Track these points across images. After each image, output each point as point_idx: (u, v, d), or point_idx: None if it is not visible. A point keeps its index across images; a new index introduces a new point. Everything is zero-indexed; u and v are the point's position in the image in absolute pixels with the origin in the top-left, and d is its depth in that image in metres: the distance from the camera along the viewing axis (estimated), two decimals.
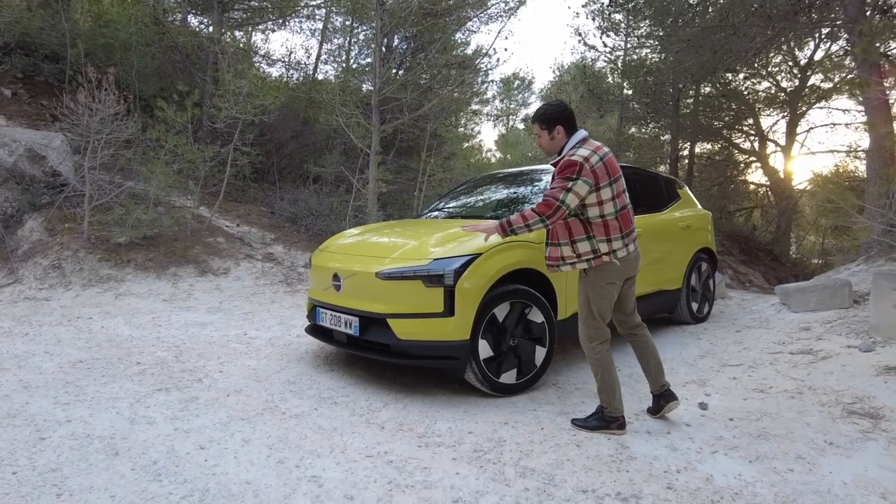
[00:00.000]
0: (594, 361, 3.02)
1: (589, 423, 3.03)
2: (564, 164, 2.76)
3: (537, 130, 2.96)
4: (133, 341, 4.53)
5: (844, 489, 2.40)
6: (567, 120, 2.89)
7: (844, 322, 4.59)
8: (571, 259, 2.90)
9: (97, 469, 2.48)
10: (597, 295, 2.94)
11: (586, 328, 3.00)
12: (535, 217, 2.76)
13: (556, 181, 2.78)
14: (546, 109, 2.91)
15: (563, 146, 2.91)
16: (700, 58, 10.30)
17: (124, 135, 6.79)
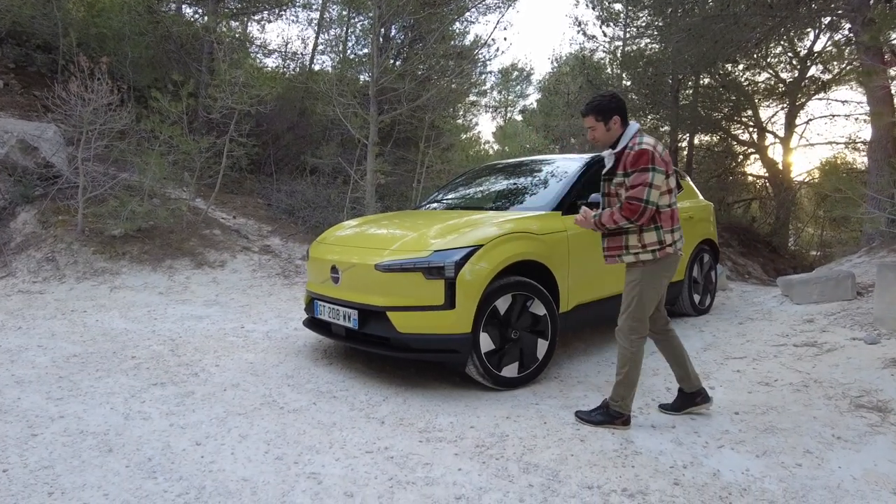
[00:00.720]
0: (628, 356, 2.91)
1: (593, 416, 2.97)
2: (636, 155, 2.70)
3: (591, 122, 2.85)
4: (128, 335, 4.46)
5: (854, 484, 2.36)
6: (623, 111, 2.82)
7: (848, 314, 4.54)
8: (636, 249, 2.81)
9: (90, 466, 2.41)
10: (651, 288, 2.85)
11: (631, 321, 2.88)
12: (623, 220, 2.74)
13: (635, 176, 2.70)
14: (601, 100, 2.82)
15: (618, 137, 2.84)
16: (700, 48, 10.19)
17: (118, 125, 6.68)
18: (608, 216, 2.78)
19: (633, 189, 2.71)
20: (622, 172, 2.78)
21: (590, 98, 2.86)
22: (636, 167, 2.71)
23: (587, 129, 2.89)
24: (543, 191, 4.26)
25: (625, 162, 2.76)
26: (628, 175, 2.74)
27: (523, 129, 26.60)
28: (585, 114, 2.87)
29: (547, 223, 3.76)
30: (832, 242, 16.40)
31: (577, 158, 4.66)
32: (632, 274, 2.89)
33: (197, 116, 9.10)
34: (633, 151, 2.72)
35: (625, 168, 2.76)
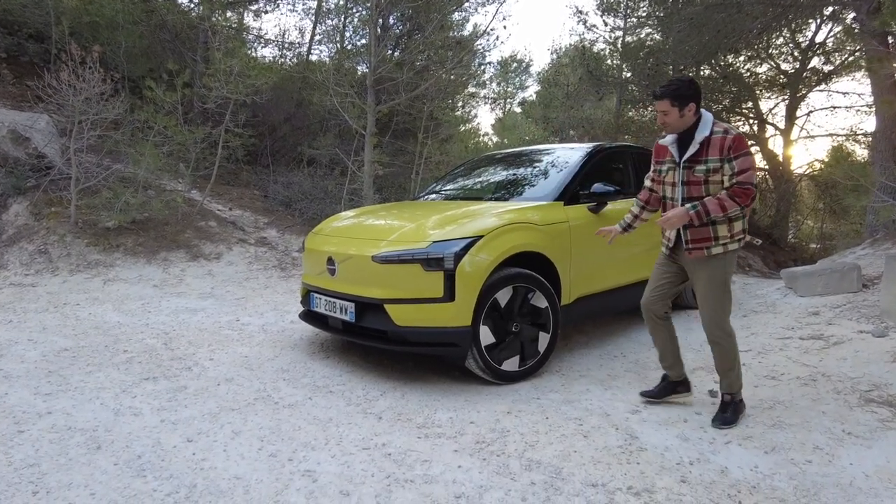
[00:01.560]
0: (729, 351, 2.84)
1: (730, 418, 2.84)
2: (737, 140, 2.63)
3: (665, 107, 2.72)
4: (121, 328, 4.38)
5: (867, 482, 2.28)
6: (699, 98, 2.72)
7: (854, 306, 4.46)
8: (725, 239, 2.74)
9: (77, 464, 2.33)
10: (730, 275, 2.82)
11: (724, 314, 2.81)
12: (735, 206, 2.64)
13: (742, 160, 2.62)
14: (680, 85, 2.70)
15: (691, 124, 2.74)
16: (702, 38, 10.06)
17: (111, 115, 6.55)
18: (715, 205, 2.64)
19: (743, 174, 2.63)
20: (717, 158, 2.66)
21: (667, 81, 2.75)
22: (740, 152, 2.63)
23: (658, 113, 2.78)
24: (545, 181, 4.16)
25: (721, 147, 2.65)
26: (730, 160, 2.64)
27: (522, 120, 26.45)
28: (660, 97, 2.73)
29: (549, 214, 3.67)
30: (832, 235, 16.35)
31: (578, 148, 4.57)
32: (713, 268, 2.78)
33: (192, 107, 8.96)
34: (731, 136, 2.65)
35: (721, 154, 2.65)
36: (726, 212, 2.65)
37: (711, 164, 2.68)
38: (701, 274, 2.81)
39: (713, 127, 2.70)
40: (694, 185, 2.75)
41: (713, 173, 2.69)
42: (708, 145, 2.69)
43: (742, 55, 13.71)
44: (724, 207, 2.64)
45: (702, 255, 2.77)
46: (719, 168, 2.67)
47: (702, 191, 2.74)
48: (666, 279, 2.97)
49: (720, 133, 2.67)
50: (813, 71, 14.06)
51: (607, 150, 4.54)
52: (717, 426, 2.82)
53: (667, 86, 2.73)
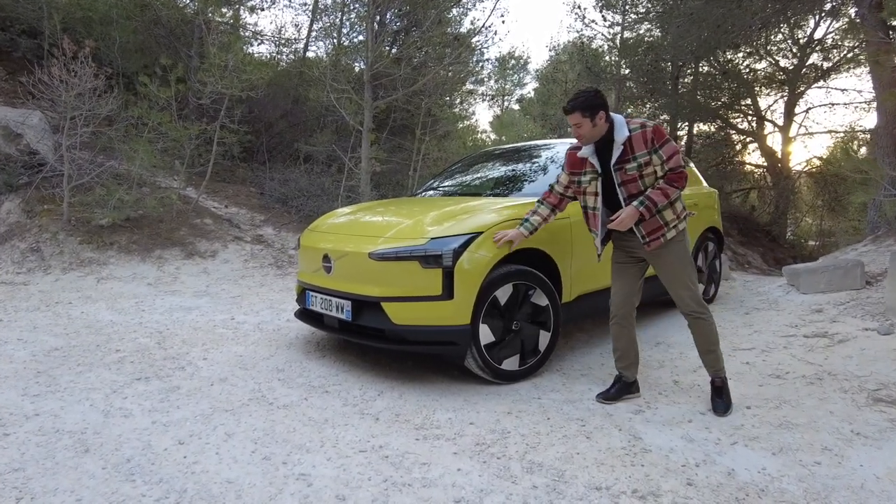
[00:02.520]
0: (710, 326, 2.93)
1: (726, 402, 2.93)
2: (656, 131, 2.75)
3: (577, 119, 2.79)
4: (114, 327, 4.30)
5: (879, 484, 2.22)
6: (607, 106, 2.82)
7: (858, 304, 4.40)
8: (674, 221, 2.88)
9: (64, 468, 2.26)
10: (689, 252, 2.96)
11: (694, 290, 2.92)
12: (675, 191, 2.79)
13: (667, 147, 2.75)
14: (587, 96, 2.78)
15: (605, 131, 2.83)
16: (701, 33, 10.01)
17: (104, 111, 6.46)
18: (659, 195, 2.76)
19: (671, 159, 2.77)
20: (645, 151, 2.77)
21: (573, 95, 2.84)
22: (662, 140, 2.76)
23: (572, 127, 2.85)
24: (544, 176, 4.08)
25: (644, 140, 2.76)
26: (656, 150, 2.76)
27: (520, 118, 26.36)
28: (571, 111, 2.81)
29: None
30: (831, 232, 16.32)
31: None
32: (673, 250, 2.90)
33: (187, 103, 8.86)
34: (649, 129, 2.76)
35: (647, 146, 2.76)
36: (669, 198, 2.79)
37: (640, 158, 2.78)
38: (665, 259, 2.91)
39: (629, 125, 2.80)
40: (631, 183, 2.83)
41: (645, 167, 2.79)
42: (631, 143, 2.78)
43: (741, 51, 13.65)
44: (667, 195, 2.78)
45: (660, 244, 2.88)
46: (649, 160, 2.78)
47: (639, 186, 2.82)
48: (630, 284, 3.06)
49: (638, 129, 2.78)
50: (811, 67, 14.01)
51: None
52: (721, 413, 2.87)
53: (574, 99, 2.81)
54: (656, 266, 2.96)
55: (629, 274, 3.06)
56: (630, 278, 3.06)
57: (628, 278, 3.06)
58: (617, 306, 3.08)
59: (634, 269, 3.06)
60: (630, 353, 3.11)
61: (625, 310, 3.07)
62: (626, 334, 3.10)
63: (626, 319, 3.08)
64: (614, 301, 3.10)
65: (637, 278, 3.07)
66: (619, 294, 3.08)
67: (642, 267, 3.06)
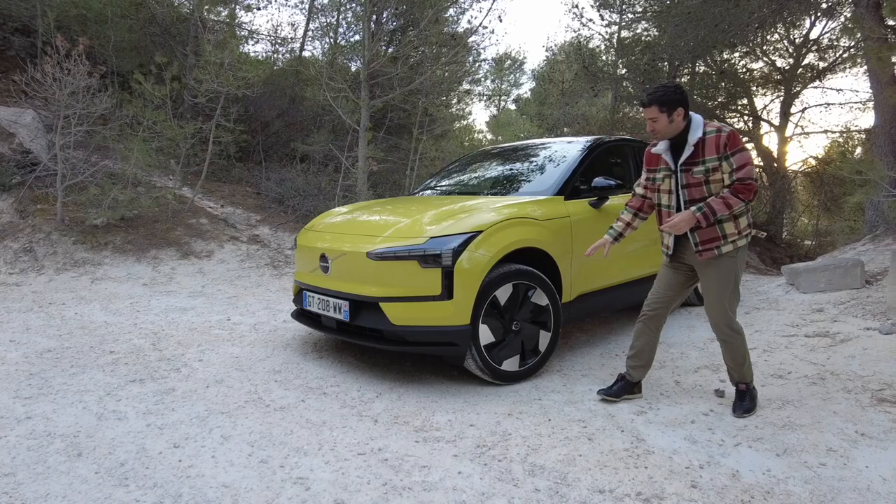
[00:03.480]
0: (739, 348, 2.85)
1: (748, 406, 2.86)
2: (731, 137, 2.63)
3: (654, 113, 2.70)
4: (108, 328, 4.24)
5: (885, 486, 2.19)
6: (687, 102, 2.71)
7: (858, 303, 4.38)
8: (734, 237, 2.73)
9: (56, 473, 2.21)
10: (740, 273, 2.83)
11: (731, 311, 2.81)
12: (739, 203, 2.65)
13: (739, 156, 2.62)
14: (667, 91, 2.68)
15: (682, 129, 2.73)
16: (699, 32, 10.00)
17: (99, 110, 6.39)
18: (721, 205, 2.63)
19: (742, 170, 2.63)
20: (715, 157, 2.66)
21: (652, 88, 2.74)
22: (736, 148, 2.63)
23: (647, 120, 2.75)
24: (544, 175, 4.05)
25: (717, 146, 2.65)
26: (727, 158, 2.64)
27: (517, 118, 26.34)
28: (648, 104, 2.71)
29: (549, 208, 3.56)
30: (827, 231, 16.35)
31: (577, 141, 4.46)
32: (723, 266, 2.76)
33: (182, 101, 8.79)
34: (724, 134, 2.64)
35: (718, 152, 2.65)
36: (731, 209, 2.66)
37: (710, 163, 2.67)
38: (712, 274, 2.78)
39: (705, 127, 2.69)
40: (695, 187, 2.73)
41: (713, 172, 2.68)
42: (703, 146, 2.68)
43: (738, 51, 13.66)
44: (729, 205, 2.64)
45: (713, 256, 2.75)
46: (718, 167, 2.66)
47: (703, 192, 2.71)
48: (674, 289, 2.96)
49: (713, 132, 2.67)
50: (807, 67, 14.05)
51: (607, 143, 4.43)
52: (738, 415, 2.83)
53: (653, 92, 2.71)
54: (701, 277, 2.85)
55: (675, 279, 2.94)
56: (674, 283, 2.95)
57: (673, 283, 2.95)
58: (650, 306, 2.99)
59: (682, 277, 2.94)
60: (644, 355, 3.02)
61: (656, 312, 2.97)
62: (649, 336, 3.00)
63: (653, 321, 2.98)
64: (649, 299, 3.00)
65: (682, 286, 2.95)
66: (656, 294, 2.98)
67: (691, 277, 2.94)
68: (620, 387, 3.07)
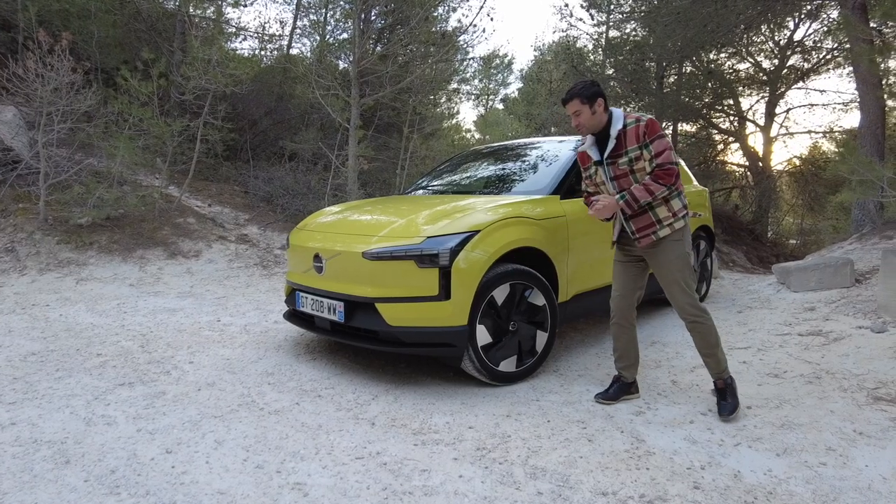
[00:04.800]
0: (710, 329, 2.82)
1: (733, 403, 2.83)
2: (650, 125, 2.71)
3: (577, 107, 2.77)
4: (94, 330, 4.14)
5: (886, 485, 2.19)
6: (604, 95, 2.80)
7: (849, 301, 4.42)
8: (668, 220, 2.80)
9: (43, 481, 2.13)
10: (689, 254, 2.86)
11: (691, 295, 2.82)
12: (661, 188, 2.72)
13: (658, 143, 2.71)
14: (584, 85, 2.78)
15: (604, 123, 2.81)
16: (687, 32, 10.05)
17: (83, 107, 6.26)
18: (642, 190, 2.72)
19: (661, 156, 2.71)
20: (636, 146, 2.74)
21: (570, 86, 2.83)
22: (654, 135, 2.72)
23: (571, 116, 2.83)
24: (539, 174, 4.03)
25: (636, 135, 2.74)
26: (646, 146, 2.73)
27: (505, 117, 26.36)
28: (569, 99, 2.80)
29: (545, 208, 3.54)
30: (811, 230, 16.57)
31: (569, 140, 4.44)
32: (670, 249, 2.82)
33: (169, 99, 8.65)
34: (643, 123, 2.73)
35: (638, 140, 2.73)
36: (653, 195, 2.72)
37: (632, 153, 2.75)
38: (660, 259, 2.84)
39: (625, 119, 2.77)
40: (622, 178, 2.81)
41: (636, 161, 2.75)
42: (625, 137, 2.76)
43: (724, 52, 13.78)
44: (651, 191, 2.72)
45: (651, 241, 2.82)
46: (640, 155, 2.74)
47: (630, 181, 2.79)
48: (631, 282, 3.02)
49: (633, 123, 2.75)
50: (791, 69, 14.23)
51: None
52: (725, 417, 2.78)
53: (571, 88, 2.81)
54: (652, 265, 2.91)
55: (629, 273, 3.01)
56: (629, 278, 3.01)
57: (628, 277, 3.01)
58: (616, 306, 3.04)
59: (634, 269, 3.01)
60: (630, 354, 3.06)
61: (622, 309, 3.02)
62: (626, 334, 3.05)
63: (625, 319, 3.03)
64: (614, 300, 3.05)
65: (637, 278, 3.01)
66: (618, 293, 3.03)
67: (642, 267, 3.00)
68: (616, 389, 3.06)
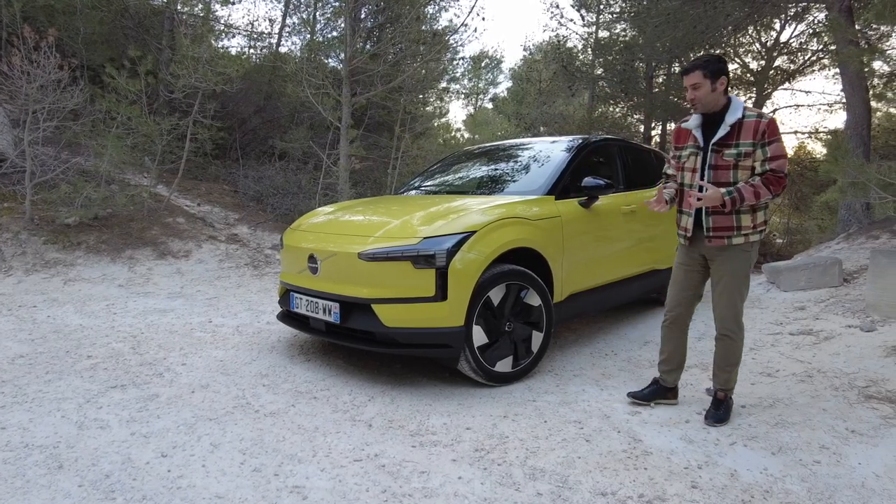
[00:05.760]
0: (738, 348, 2.78)
1: (724, 416, 2.78)
2: (771, 125, 2.56)
3: (697, 79, 2.59)
4: (84, 331, 4.08)
5: (879, 482, 2.22)
6: (729, 74, 2.63)
7: (838, 301, 4.48)
8: (747, 230, 2.65)
9: (36, 487, 2.10)
10: (750, 269, 2.74)
11: (736, 310, 2.74)
12: (767, 195, 2.55)
13: (775, 147, 2.55)
14: (710, 58, 2.61)
15: (722, 103, 2.64)
16: (677, 33, 10.13)
17: (69, 105, 6.16)
18: (751, 193, 2.54)
19: (776, 161, 2.55)
20: (751, 142, 2.57)
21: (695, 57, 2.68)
22: (774, 137, 2.56)
23: (688, 89, 2.64)
24: (534, 175, 4.03)
25: (755, 131, 2.56)
26: (763, 146, 2.56)
27: (494, 117, 26.39)
28: (691, 69, 2.62)
29: (540, 208, 3.54)
30: (797, 230, 16.78)
31: (564, 141, 4.46)
32: (735, 260, 2.69)
33: (157, 97, 8.55)
34: (765, 121, 2.56)
35: (755, 138, 2.56)
36: (759, 200, 2.57)
37: (744, 147, 2.58)
38: (722, 265, 2.72)
39: (745, 111, 2.60)
40: (722, 170, 2.63)
41: (745, 158, 2.58)
42: (740, 128, 2.58)
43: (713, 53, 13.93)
44: (758, 195, 2.55)
45: (722, 244, 2.68)
46: (752, 153, 2.58)
47: (729, 176, 2.62)
48: (690, 289, 2.88)
49: (753, 116, 2.58)
50: (778, 70, 14.41)
51: (595, 143, 4.43)
52: (709, 423, 2.76)
53: (697, 59, 2.66)
54: (713, 267, 2.77)
55: (690, 279, 2.86)
56: (690, 283, 2.87)
57: (689, 283, 2.87)
58: (670, 308, 2.92)
59: (696, 276, 2.86)
60: (675, 358, 2.96)
61: (677, 312, 2.90)
62: (676, 338, 2.94)
63: (676, 324, 2.92)
64: (669, 302, 2.93)
65: (698, 285, 2.88)
66: (674, 296, 2.91)
67: (705, 274, 2.86)
68: (652, 391, 2.99)
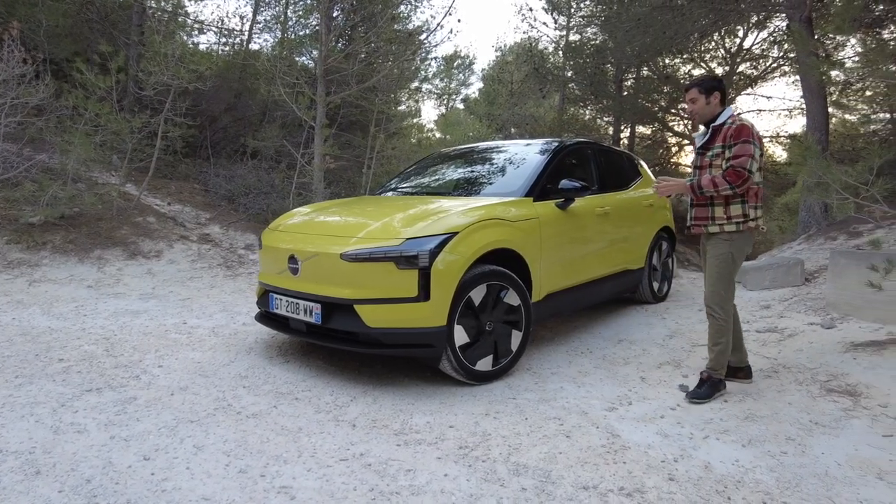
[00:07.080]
0: (725, 325, 3.05)
1: (704, 393, 3.05)
2: (739, 128, 2.91)
3: (694, 95, 3.05)
4: (53, 334, 3.98)
5: (840, 471, 2.35)
6: (724, 91, 3.03)
7: (800, 299, 4.67)
8: (721, 220, 3.02)
9: (14, 493, 2.05)
10: (739, 259, 3.07)
11: (723, 291, 3.06)
12: (725, 185, 2.91)
13: (738, 147, 2.89)
14: (706, 77, 3.11)
15: (716, 114, 3.04)
16: (646, 38, 10.38)
17: (33, 100, 5.98)
18: (708, 180, 2.96)
19: (737, 158, 2.90)
20: (721, 145, 2.97)
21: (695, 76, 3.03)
22: (739, 139, 2.90)
23: (688, 103, 3.09)
24: (513, 176, 4.10)
25: (725, 135, 2.96)
26: (730, 147, 2.93)
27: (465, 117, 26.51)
28: (690, 87, 3.07)
29: (519, 210, 3.61)
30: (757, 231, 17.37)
31: (541, 143, 4.54)
32: (716, 247, 3.06)
33: (126, 94, 8.34)
34: (735, 126, 2.93)
35: (724, 140, 2.96)
36: (716, 188, 2.94)
37: (716, 149, 3.01)
38: (710, 252, 3.10)
39: (726, 119, 3.00)
40: (704, 170, 3.08)
41: (716, 158, 3.00)
42: (718, 133, 3.00)
43: (679, 58, 14.30)
44: (715, 184, 2.94)
45: (700, 232, 3.13)
46: (721, 153, 2.98)
47: (706, 174, 3.04)
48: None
49: (728, 123, 2.98)
50: (741, 75, 14.88)
51: (570, 146, 4.53)
52: (689, 399, 3.06)
53: (695, 78, 3.12)
54: (704, 253, 3.16)
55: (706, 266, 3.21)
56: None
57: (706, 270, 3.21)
58: (705, 298, 3.18)
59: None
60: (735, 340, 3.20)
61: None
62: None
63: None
64: (705, 293, 3.18)
65: None
66: (705, 286, 3.19)
67: None
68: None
